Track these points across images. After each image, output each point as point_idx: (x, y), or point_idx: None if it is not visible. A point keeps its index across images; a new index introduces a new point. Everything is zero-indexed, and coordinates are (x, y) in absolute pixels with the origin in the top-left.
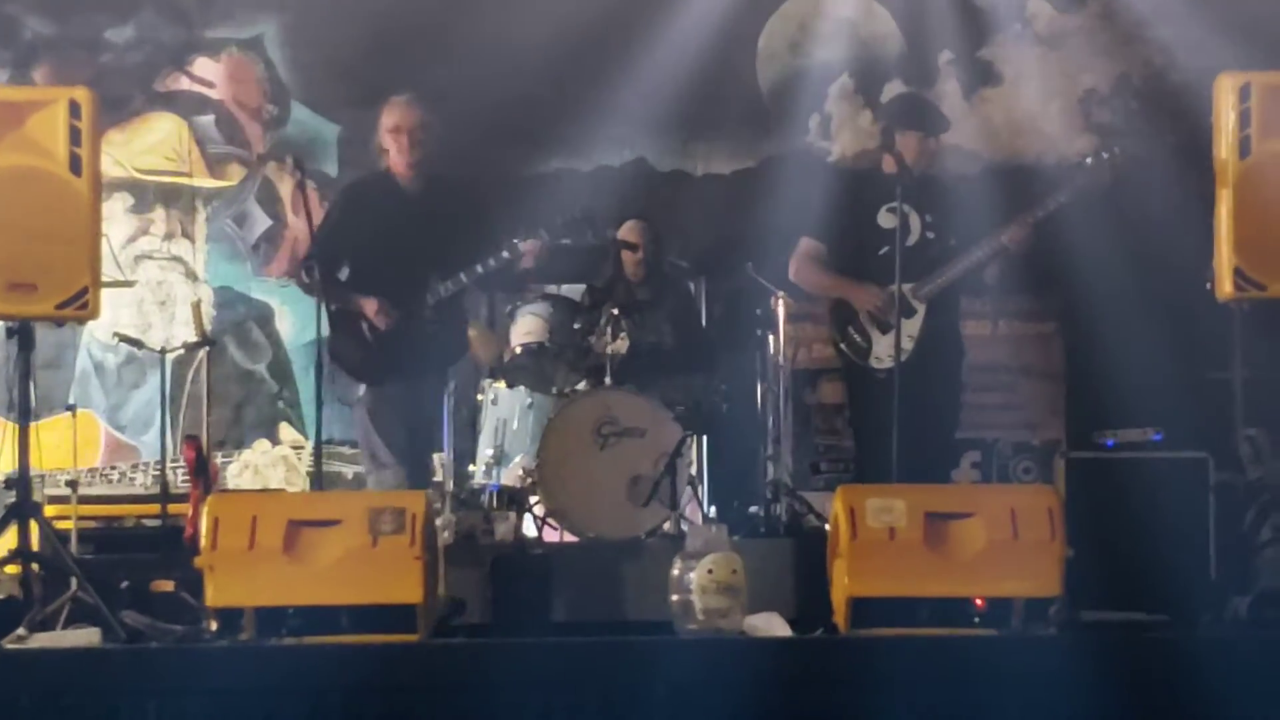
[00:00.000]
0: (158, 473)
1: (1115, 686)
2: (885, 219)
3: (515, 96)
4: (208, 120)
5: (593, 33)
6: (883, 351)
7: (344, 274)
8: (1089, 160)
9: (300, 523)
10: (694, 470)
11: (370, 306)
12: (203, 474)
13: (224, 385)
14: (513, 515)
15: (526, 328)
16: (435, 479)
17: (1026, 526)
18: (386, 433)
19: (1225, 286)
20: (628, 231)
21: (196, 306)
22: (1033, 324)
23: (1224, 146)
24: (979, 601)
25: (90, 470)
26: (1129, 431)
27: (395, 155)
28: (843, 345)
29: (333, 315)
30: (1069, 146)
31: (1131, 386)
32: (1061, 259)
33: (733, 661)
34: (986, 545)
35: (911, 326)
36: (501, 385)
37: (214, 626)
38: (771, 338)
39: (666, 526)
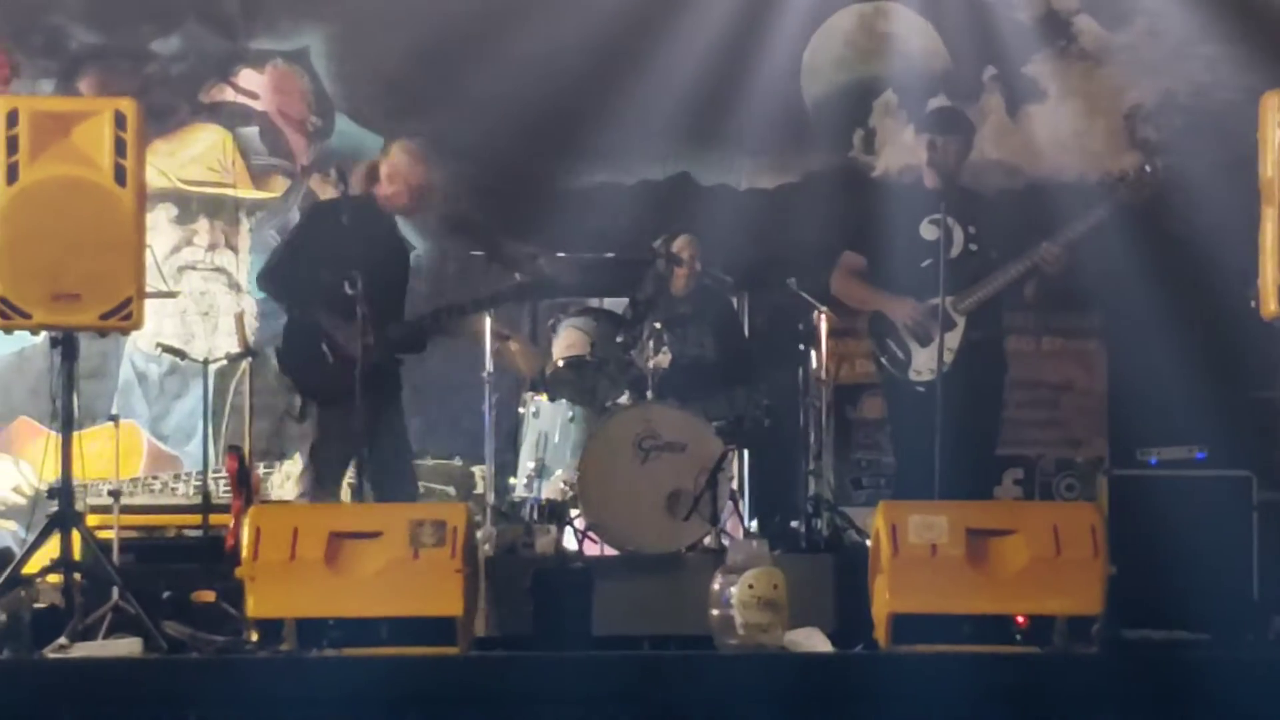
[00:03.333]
0: (199, 483)
1: (1157, 705)
2: (927, 231)
3: (557, 109)
4: (252, 131)
5: (635, 46)
6: (922, 365)
7: (307, 287)
8: (1129, 176)
9: (341, 534)
10: (735, 485)
11: (341, 333)
12: (244, 485)
13: (266, 396)
14: (553, 528)
15: (569, 341)
16: (476, 491)
17: (1069, 544)
18: (333, 457)
19: (1270, 305)
20: (678, 247)
21: (239, 317)
22: (1076, 340)
23: (1269, 164)
24: (1020, 619)
25: (132, 480)
26: (1172, 449)
27: (386, 187)
28: (882, 358)
29: (289, 325)
30: (1113, 163)
31: (1175, 404)
32: (1105, 275)
33: (773, 677)
34: (1029, 562)
35: (951, 339)
36: (543, 398)
37: (255, 637)
38: (813, 353)
39: (707, 541)
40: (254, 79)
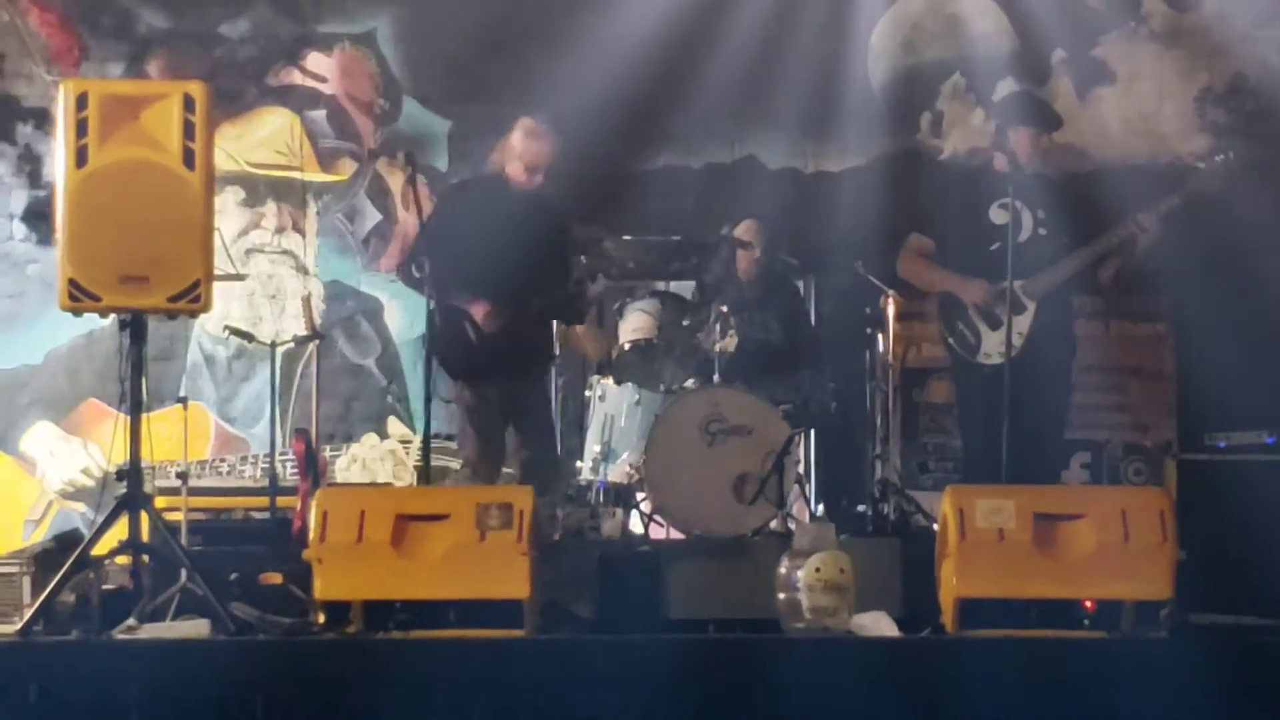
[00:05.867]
0: (267, 465)
1: (1226, 690)
2: (997, 215)
3: (625, 92)
4: (319, 115)
5: (704, 29)
6: (991, 347)
7: (446, 271)
8: (1203, 165)
9: (408, 517)
10: (801, 468)
11: (479, 309)
12: (311, 467)
13: (333, 379)
14: (619, 512)
15: (635, 324)
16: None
17: (1137, 528)
18: (486, 433)
19: None
20: (744, 231)
21: (306, 300)
22: (1144, 324)
23: None
24: (1088, 604)
25: (200, 462)
26: (1241, 434)
27: (517, 167)
28: (951, 340)
29: (433, 313)
30: (1183, 146)
31: (1244, 389)
32: (1174, 259)
33: (839, 661)
34: (1096, 547)
35: (1022, 323)
36: (609, 381)
37: (322, 619)
38: (880, 336)
39: (773, 524)
40: (322, 62)
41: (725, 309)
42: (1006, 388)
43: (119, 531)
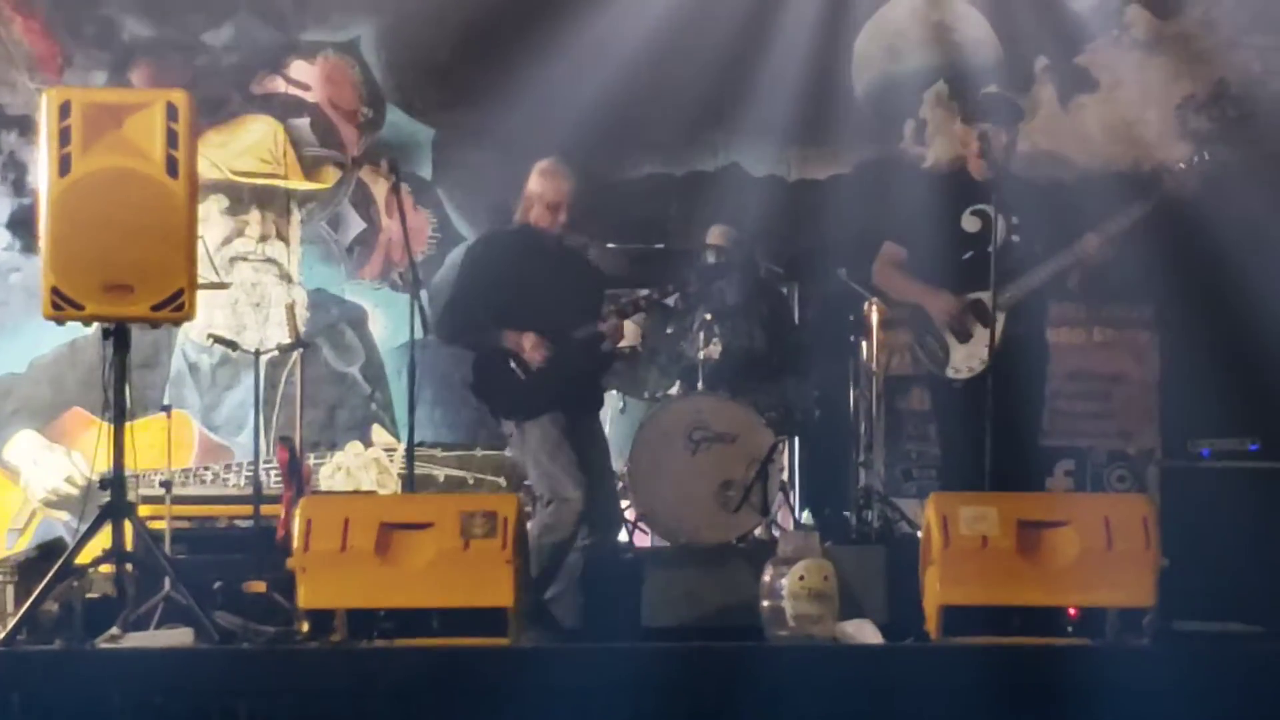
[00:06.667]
0: (251, 474)
1: (1210, 698)
2: (969, 222)
3: (608, 100)
4: (303, 123)
5: (687, 38)
6: (960, 361)
7: (484, 320)
8: (1178, 167)
9: (392, 525)
10: (785, 476)
11: (527, 340)
12: (295, 475)
13: (317, 387)
14: None
15: None
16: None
17: (1121, 536)
18: (566, 463)
19: None
20: (716, 236)
21: (290, 308)
22: (1127, 331)
23: None
24: (1072, 611)
25: (184, 471)
26: (1225, 441)
27: (541, 213)
28: (921, 353)
29: (476, 361)
30: (1166, 153)
31: (1227, 396)
32: (1156, 266)
33: (824, 668)
34: (1080, 554)
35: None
36: None
37: (306, 628)
38: (864, 344)
39: (758, 532)
40: (305, 70)
41: (709, 316)
42: (990, 396)
43: (103, 540)
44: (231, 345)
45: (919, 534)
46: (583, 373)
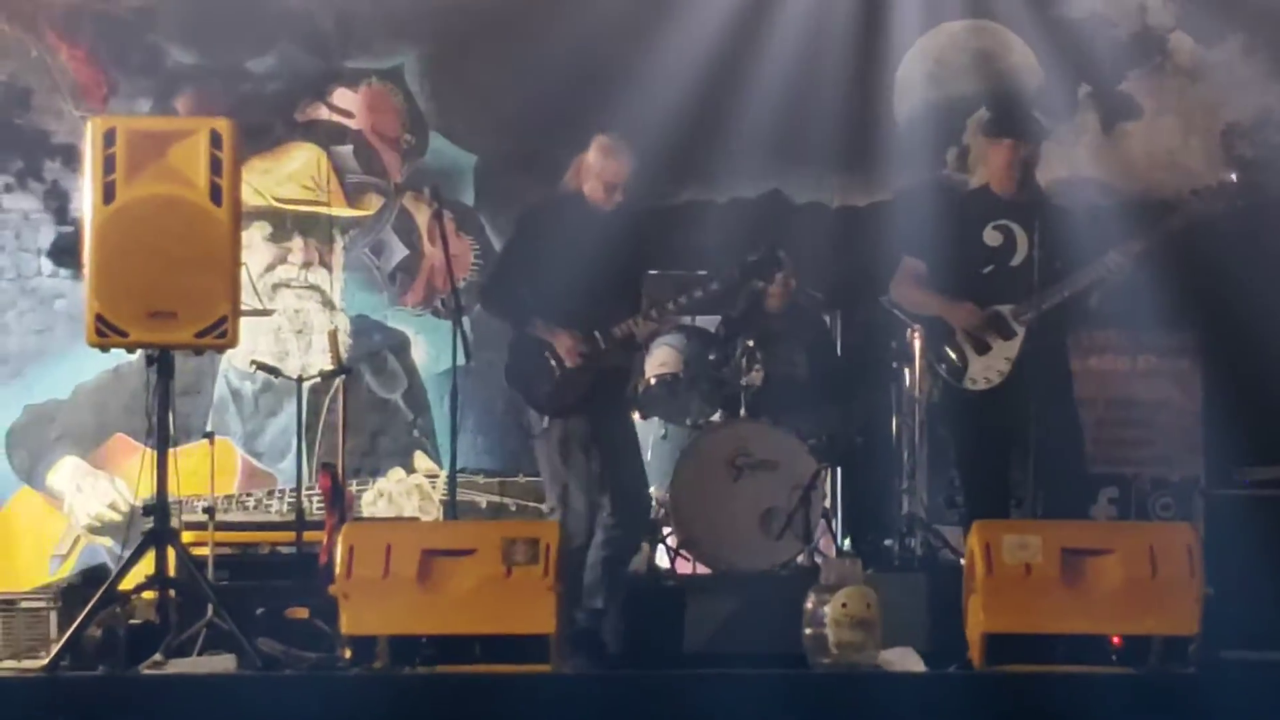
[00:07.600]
0: (293, 500)
1: None
2: (990, 237)
3: (650, 127)
4: (346, 150)
5: (728, 64)
6: (977, 372)
7: (530, 298)
8: (1206, 187)
9: (434, 552)
10: (828, 503)
11: (564, 342)
12: (338, 502)
13: (359, 414)
14: (646, 546)
15: (661, 359)
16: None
17: (1165, 564)
18: (579, 470)
19: None
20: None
21: (333, 335)
22: (1171, 359)
23: None
24: (1116, 639)
25: (227, 497)
26: (1270, 469)
27: (595, 187)
28: (939, 365)
29: (515, 340)
30: (1209, 181)
31: (1271, 423)
32: (1199, 292)
33: (866, 696)
34: (1124, 582)
35: (1009, 349)
36: (636, 416)
37: (348, 654)
38: (906, 370)
39: (800, 559)
40: (349, 97)
41: (751, 343)
42: (1008, 412)
43: (146, 566)
44: (274, 372)
45: (962, 561)
46: (616, 369)
